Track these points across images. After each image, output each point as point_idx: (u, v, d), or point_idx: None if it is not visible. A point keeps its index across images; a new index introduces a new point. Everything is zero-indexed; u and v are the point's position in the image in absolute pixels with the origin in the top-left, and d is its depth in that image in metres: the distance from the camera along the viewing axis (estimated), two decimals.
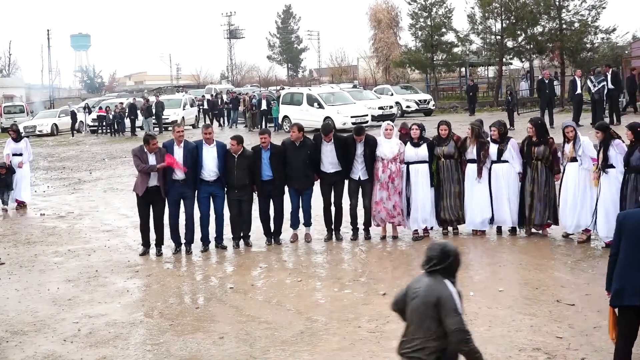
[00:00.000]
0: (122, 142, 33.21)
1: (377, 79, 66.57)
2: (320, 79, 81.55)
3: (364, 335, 7.46)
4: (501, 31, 43.27)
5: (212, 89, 55.17)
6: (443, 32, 48.30)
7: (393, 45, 67.11)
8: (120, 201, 16.82)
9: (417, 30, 49.45)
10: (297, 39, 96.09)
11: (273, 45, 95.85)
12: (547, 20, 41.44)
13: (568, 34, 40.00)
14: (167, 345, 7.55)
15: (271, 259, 11.13)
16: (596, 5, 39.25)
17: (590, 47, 40.59)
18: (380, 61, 69.38)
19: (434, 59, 48.69)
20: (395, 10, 68.62)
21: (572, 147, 10.81)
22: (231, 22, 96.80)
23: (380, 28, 68.21)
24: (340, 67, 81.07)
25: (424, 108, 39.42)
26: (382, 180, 11.45)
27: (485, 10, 43.28)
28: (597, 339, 6.98)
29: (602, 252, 10.18)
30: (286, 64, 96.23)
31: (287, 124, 30.86)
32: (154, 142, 11.36)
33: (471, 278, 9.43)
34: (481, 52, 48.48)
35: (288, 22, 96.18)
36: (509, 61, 47.54)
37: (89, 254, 11.88)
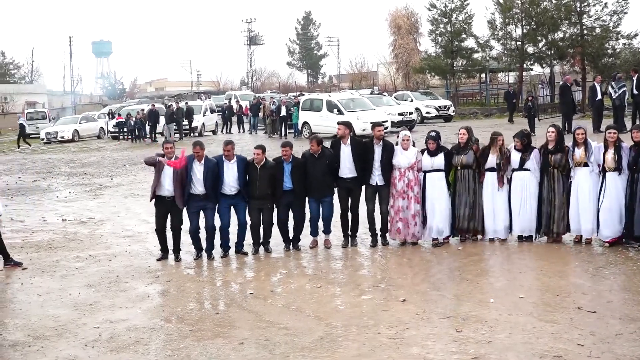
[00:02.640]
0: (142, 149, 33.38)
1: (397, 85, 66.52)
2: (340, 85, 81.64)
3: (383, 341, 7.45)
4: (522, 37, 43.13)
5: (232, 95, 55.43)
6: (463, 38, 48.24)
7: (413, 51, 67.01)
8: (141, 207, 16.91)
9: (437, 36, 49.40)
10: (317, 45, 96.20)
11: (293, 52, 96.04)
12: (567, 26, 41.23)
13: (589, 39, 39.77)
14: (187, 350, 7.57)
15: (291, 265, 11.15)
16: (618, 11, 39.02)
17: (612, 52, 40.32)
18: (400, 67, 69.29)
19: (454, 65, 48.60)
20: (415, 16, 68.55)
21: (584, 152, 10.90)
22: (251, 29, 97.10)
23: (400, 34, 68.12)
24: (360, 73, 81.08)
25: (443, 114, 39.33)
26: (400, 189, 11.44)
27: (506, 15, 43.17)
28: (619, 346, 6.91)
29: (624, 259, 10.11)
30: (306, 70, 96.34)
31: (306, 130, 30.92)
32: (167, 145, 11.44)
33: (492, 285, 9.39)
34: (501, 57, 48.34)
35: (308, 28, 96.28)
36: (530, 67, 47.35)
37: (110, 259, 11.96)
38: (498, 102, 50.07)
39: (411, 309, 8.44)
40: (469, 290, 9.06)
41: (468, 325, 7.75)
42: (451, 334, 7.54)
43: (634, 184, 10.61)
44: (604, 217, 10.82)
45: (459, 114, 42.27)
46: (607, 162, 10.77)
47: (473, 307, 8.36)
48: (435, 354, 7.02)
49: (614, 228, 10.84)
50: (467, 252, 11.07)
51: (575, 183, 11.06)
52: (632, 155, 10.64)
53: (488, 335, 7.42)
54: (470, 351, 7.01)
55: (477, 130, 13.97)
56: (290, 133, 33.67)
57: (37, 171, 27.00)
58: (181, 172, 11.30)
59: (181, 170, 11.29)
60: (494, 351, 6.97)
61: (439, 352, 7.04)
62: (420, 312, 8.28)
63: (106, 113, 47.88)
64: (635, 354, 6.71)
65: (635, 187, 10.58)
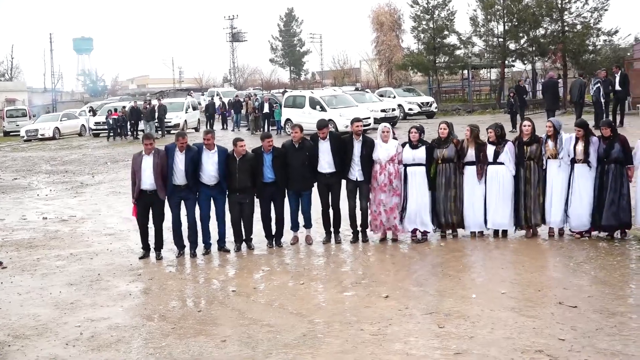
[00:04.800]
0: (124, 146, 33.26)
1: (380, 81, 66.68)
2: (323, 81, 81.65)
3: (366, 337, 7.45)
4: (503, 33, 43.35)
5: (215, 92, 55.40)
6: (445, 34, 48.43)
7: (395, 47, 67.22)
8: (123, 204, 16.82)
9: (420, 33, 49.57)
10: (300, 42, 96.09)
11: (275, 48, 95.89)
12: (549, 23, 41.51)
13: (570, 36, 40.03)
14: (169, 348, 7.54)
15: (273, 261, 11.13)
16: (598, 8, 39.32)
17: (593, 49, 40.62)
18: (382, 64, 69.50)
19: (437, 62, 48.78)
20: (397, 13, 68.83)
21: (555, 144, 11.09)
22: (234, 25, 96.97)
23: (383, 31, 68.31)
24: (343, 69, 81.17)
25: (426, 111, 39.45)
26: (381, 183, 11.46)
27: (488, 12, 43.37)
28: (600, 340, 6.96)
29: (605, 254, 10.18)
30: (289, 67, 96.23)
31: (289, 127, 30.89)
32: (147, 142, 11.40)
33: (473, 280, 9.42)
34: (483, 54, 48.53)
35: (290, 25, 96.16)
36: (512, 64, 47.60)
37: (91, 257, 11.89)
38: (480, 99, 50.34)
39: (394, 305, 8.45)
40: (451, 286, 9.09)
41: (450, 321, 7.77)
42: (433, 329, 7.56)
43: (603, 176, 10.84)
44: (573, 209, 11.04)
45: (441, 111, 42.43)
46: (577, 154, 10.98)
47: (455, 302, 8.39)
48: (417, 349, 7.03)
49: (583, 219, 11.02)
50: (449, 248, 11.11)
51: (549, 174, 11.25)
52: (602, 148, 10.81)
53: (470, 330, 7.45)
54: (452, 347, 7.03)
55: (459, 126, 14.00)
56: (273, 130, 33.63)
57: (17, 169, 26.79)
58: (162, 163, 11.27)
59: (161, 160, 11.27)
60: (476, 346, 6.99)
61: (422, 348, 7.05)
62: (402, 308, 8.29)
63: (87, 110, 47.60)
64: (616, 347, 6.76)
65: (605, 179, 10.82)
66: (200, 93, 58.66)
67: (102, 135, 39.43)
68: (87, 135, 42.75)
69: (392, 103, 37.18)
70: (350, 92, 38.64)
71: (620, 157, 10.76)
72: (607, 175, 10.80)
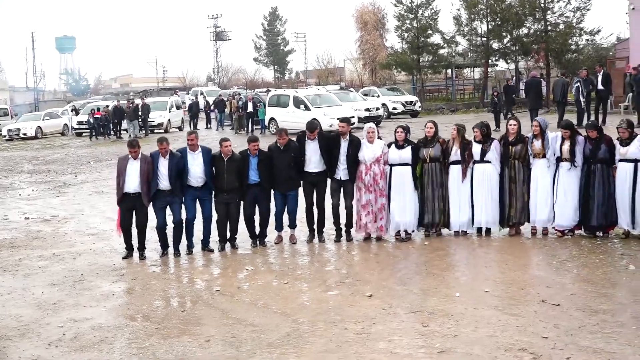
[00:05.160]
0: (107, 145, 33.10)
1: (364, 80, 66.71)
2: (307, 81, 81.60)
3: (350, 336, 7.45)
4: (487, 33, 43.52)
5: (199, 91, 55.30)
6: (429, 33, 48.57)
7: (379, 47, 67.29)
8: (106, 204, 16.74)
9: (403, 32, 49.67)
10: (284, 41, 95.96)
11: (259, 47, 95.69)
12: (532, 22, 41.75)
13: (553, 35, 40.27)
14: (152, 348, 7.50)
15: (257, 261, 11.11)
16: (581, 7, 39.60)
17: (575, 48, 40.87)
18: (366, 63, 69.55)
19: (420, 61, 48.90)
20: (381, 12, 68.90)
21: (542, 144, 11.17)
22: (217, 24, 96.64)
23: (367, 30, 68.36)
24: (327, 69, 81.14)
25: (410, 110, 39.54)
26: (367, 183, 11.46)
27: (471, 12, 43.53)
28: (582, 338, 6.99)
29: (587, 252, 10.24)
30: (273, 66, 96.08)
31: (273, 126, 30.84)
32: (132, 150, 11.31)
33: (457, 279, 9.44)
34: (467, 53, 48.71)
35: (274, 24, 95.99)
36: (495, 63, 47.80)
37: (74, 257, 11.82)
38: (464, 98, 50.52)
39: (378, 304, 8.45)
40: (435, 285, 9.11)
41: (434, 319, 7.79)
42: (417, 328, 7.57)
43: (590, 176, 10.91)
44: (559, 208, 11.11)
45: (425, 110, 42.52)
46: (563, 153, 11.04)
47: (439, 301, 8.41)
48: (401, 348, 7.04)
49: (568, 218, 11.10)
50: (433, 247, 11.13)
51: (535, 174, 11.30)
52: (588, 148, 10.89)
53: (454, 329, 7.46)
54: (436, 345, 7.04)
55: (443, 125, 14.04)
56: (257, 129, 33.58)
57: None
58: (147, 169, 11.23)
59: (147, 167, 11.21)
60: (460, 345, 7.01)
61: (406, 347, 7.06)
62: (386, 307, 8.30)
63: (70, 109, 47.33)
64: (598, 345, 6.80)
65: (593, 179, 10.88)
66: (185, 92, 58.53)
67: (84, 134, 39.19)
68: (69, 134, 42.49)
69: (376, 102, 37.22)
70: (334, 91, 38.65)
71: (606, 157, 10.83)
72: (594, 175, 10.87)
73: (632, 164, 10.56)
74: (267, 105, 32.93)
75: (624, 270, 9.30)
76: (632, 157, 10.56)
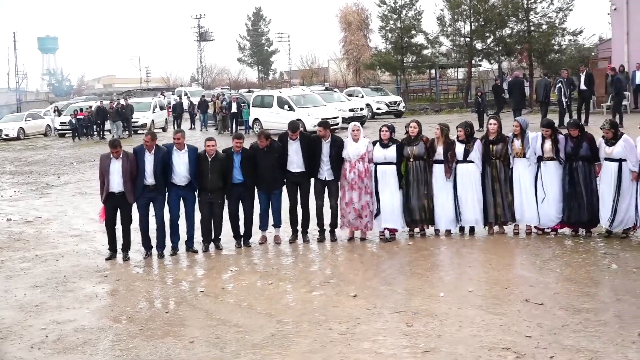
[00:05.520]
0: (90, 146, 32.93)
1: (348, 81, 66.76)
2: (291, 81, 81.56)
3: (334, 337, 7.45)
4: (470, 33, 43.70)
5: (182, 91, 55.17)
6: (413, 34, 48.68)
7: (363, 47, 67.37)
8: (89, 205, 16.64)
9: (387, 33, 49.77)
10: (268, 41, 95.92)
11: (243, 48, 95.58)
12: (515, 23, 41.99)
13: (536, 35, 40.51)
14: (136, 350, 7.47)
15: (241, 262, 11.08)
16: (563, 8, 39.88)
17: (558, 48, 41.14)
18: (350, 63, 69.60)
19: (404, 61, 49.01)
20: (365, 12, 68.99)
21: (522, 143, 11.23)
22: (201, 25, 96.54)
23: (351, 30, 68.42)
24: (311, 69, 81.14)
25: (394, 110, 39.60)
26: (350, 181, 11.47)
27: (454, 12, 43.71)
28: (565, 337, 7.03)
29: (571, 251, 10.30)
30: (257, 67, 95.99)
31: (257, 127, 30.80)
32: (114, 150, 11.25)
33: (441, 279, 9.47)
34: (451, 54, 48.88)
35: (258, 24, 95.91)
36: (478, 63, 47.99)
37: (57, 259, 11.74)
38: (448, 98, 50.68)
39: (362, 304, 8.46)
40: (419, 285, 9.13)
41: (418, 319, 7.80)
42: (402, 328, 7.58)
43: (572, 173, 10.98)
44: (542, 207, 11.19)
45: (409, 110, 42.62)
46: (545, 152, 11.11)
47: (423, 301, 8.42)
48: (386, 348, 7.05)
49: (551, 217, 11.20)
50: (417, 247, 11.15)
51: (516, 173, 11.37)
52: (570, 146, 10.97)
53: (438, 329, 7.48)
54: (420, 345, 7.06)
55: (427, 125, 14.07)
56: (241, 129, 33.53)
57: None
58: (130, 166, 11.17)
59: (130, 165, 11.16)
60: (444, 344, 7.03)
61: (390, 347, 7.07)
62: (371, 307, 8.30)
63: (52, 110, 47.06)
64: (581, 344, 6.84)
65: (576, 177, 10.96)
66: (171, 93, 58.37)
67: (67, 135, 38.97)
68: (52, 135, 42.25)
69: (360, 102, 37.26)
70: (319, 91, 38.65)
71: (588, 155, 10.90)
72: (577, 173, 10.95)
73: (616, 163, 10.64)
74: (251, 106, 32.87)
75: (606, 270, 9.36)
76: (617, 156, 10.63)
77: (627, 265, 9.46)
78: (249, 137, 28.10)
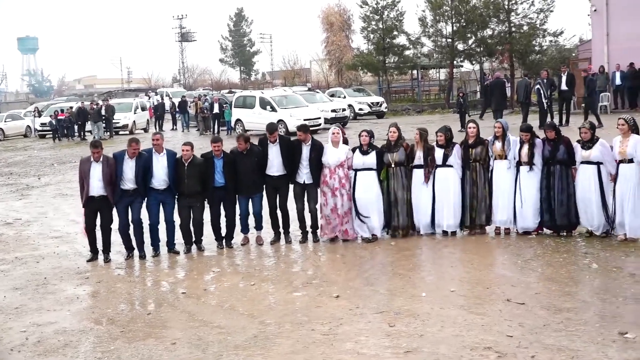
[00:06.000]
0: (71, 147, 32.71)
1: (330, 81, 66.77)
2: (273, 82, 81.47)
3: (317, 337, 7.45)
4: (452, 34, 43.84)
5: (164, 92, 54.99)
6: (395, 35, 48.73)
7: (345, 48, 67.38)
8: (70, 207, 16.53)
9: (369, 33, 49.79)
10: (250, 42, 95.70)
11: (225, 48, 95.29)
12: (496, 24, 42.16)
13: (517, 36, 40.70)
14: (118, 352, 7.43)
15: (224, 263, 11.06)
16: (544, 9, 40.08)
17: (539, 49, 41.36)
18: (332, 64, 69.58)
19: (386, 62, 49.07)
20: (347, 13, 69.00)
21: (502, 146, 11.27)
22: (183, 25, 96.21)
23: (333, 31, 68.41)
24: (293, 70, 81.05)
25: (376, 110, 39.62)
26: (332, 187, 11.46)
27: (436, 13, 43.83)
28: (547, 336, 7.07)
29: (552, 251, 10.36)
30: (239, 67, 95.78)
31: (239, 127, 30.73)
32: (95, 150, 11.19)
33: (423, 279, 9.49)
34: (432, 54, 48.98)
35: (240, 25, 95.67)
36: (460, 64, 48.15)
37: (38, 261, 11.66)
38: (429, 99, 50.82)
39: (344, 304, 8.46)
40: (401, 285, 9.15)
41: (401, 319, 7.82)
42: (384, 328, 7.59)
43: (549, 177, 11.06)
44: (520, 211, 11.25)
45: (391, 111, 42.68)
46: (522, 157, 11.17)
47: (405, 301, 8.44)
48: (368, 348, 7.06)
49: (529, 221, 11.25)
50: (399, 247, 11.17)
51: (496, 176, 11.43)
52: (547, 150, 11.03)
53: (420, 329, 7.50)
54: (402, 345, 7.07)
55: (408, 126, 14.11)
56: (223, 130, 33.45)
57: None
58: (110, 172, 11.12)
59: (109, 169, 11.11)
60: (426, 344, 7.05)
61: (372, 347, 7.08)
62: (353, 308, 8.31)
63: (32, 111, 46.71)
64: (562, 343, 6.87)
65: (552, 180, 11.04)
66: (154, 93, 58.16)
67: (48, 136, 38.72)
68: (32, 136, 41.94)
69: (342, 103, 37.28)
70: (301, 92, 38.62)
71: (564, 158, 10.96)
72: (553, 177, 11.02)
73: (595, 167, 10.70)
74: (233, 107, 32.80)
75: (587, 269, 9.42)
76: (594, 160, 10.70)
77: (607, 264, 9.53)
78: (231, 137, 28.06)
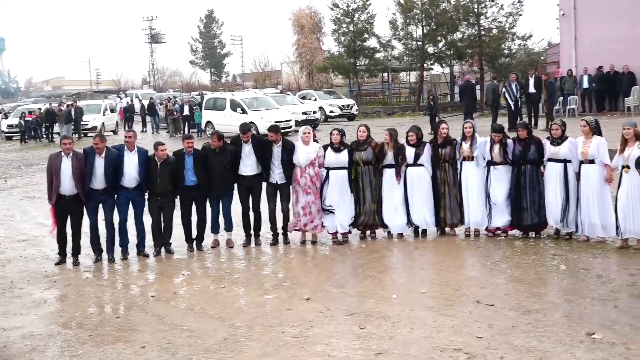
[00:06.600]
0: (39, 149, 32.34)
1: (301, 84, 66.78)
2: (244, 84, 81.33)
3: (287, 340, 7.43)
4: (422, 37, 44.08)
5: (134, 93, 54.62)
6: (365, 37, 48.89)
7: (316, 50, 67.52)
8: (37, 209, 16.34)
9: (340, 36, 49.91)
10: (220, 44, 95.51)
11: (196, 50, 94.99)
12: (466, 27, 42.54)
13: (487, 40, 41.10)
14: (86, 356, 7.35)
15: (194, 265, 11.00)
16: (513, 13, 40.54)
17: (508, 53, 41.80)
18: (303, 66, 69.66)
19: (357, 65, 49.20)
20: (318, 15, 69.15)
21: (470, 146, 11.41)
22: (152, 27, 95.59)
23: (304, 33, 68.51)
24: (264, 72, 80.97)
25: (347, 113, 39.72)
26: (304, 185, 11.48)
27: (407, 16, 44.05)
28: (515, 337, 7.12)
29: (520, 253, 10.44)
30: (209, 69, 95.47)
31: (210, 129, 30.61)
32: (66, 141, 11.10)
33: (394, 281, 9.52)
34: (403, 57, 49.25)
35: (211, 26, 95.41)
36: (430, 67, 48.44)
37: (4, 264, 11.50)
38: (400, 101, 51.06)
39: (315, 307, 8.46)
40: (371, 287, 9.16)
41: (371, 321, 7.83)
42: (355, 330, 7.60)
43: (520, 176, 11.17)
44: (493, 209, 11.35)
45: (362, 113, 42.77)
46: (494, 157, 11.27)
47: (376, 303, 8.46)
48: (339, 351, 7.06)
49: (501, 219, 11.37)
50: (369, 250, 11.20)
51: (465, 176, 11.54)
52: (518, 149, 11.14)
53: (391, 330, 7.52)
54: (373, 347, 7.08)
55: (380, 129, 14.15)
56: (193, 132, 33.30)
57: None
58: (80, 166, 10.96)
59: (79, 163, 10.96)
60: (397, 346, 7.07)
61: (343, 349, 7.08)
62: (324, 310, 8.31)
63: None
64: (531, 344, 6.93)
65: (524, 179, 11.15)
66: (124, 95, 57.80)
67: (15, 138, 38.26)
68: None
69: (313, 105, 37.32)
70: (272, 94, 38.59)
71: (535, 158, 11.08)
72: (524, 176, 11.12)
73: (562, 164, 10.84)
74: (203, 109, 32.66)
75: (555, 270, 9.51)
76: (562, 157, 10.84)
77: (575, 266, 9.63)
78: (201, 139, 27.95)
